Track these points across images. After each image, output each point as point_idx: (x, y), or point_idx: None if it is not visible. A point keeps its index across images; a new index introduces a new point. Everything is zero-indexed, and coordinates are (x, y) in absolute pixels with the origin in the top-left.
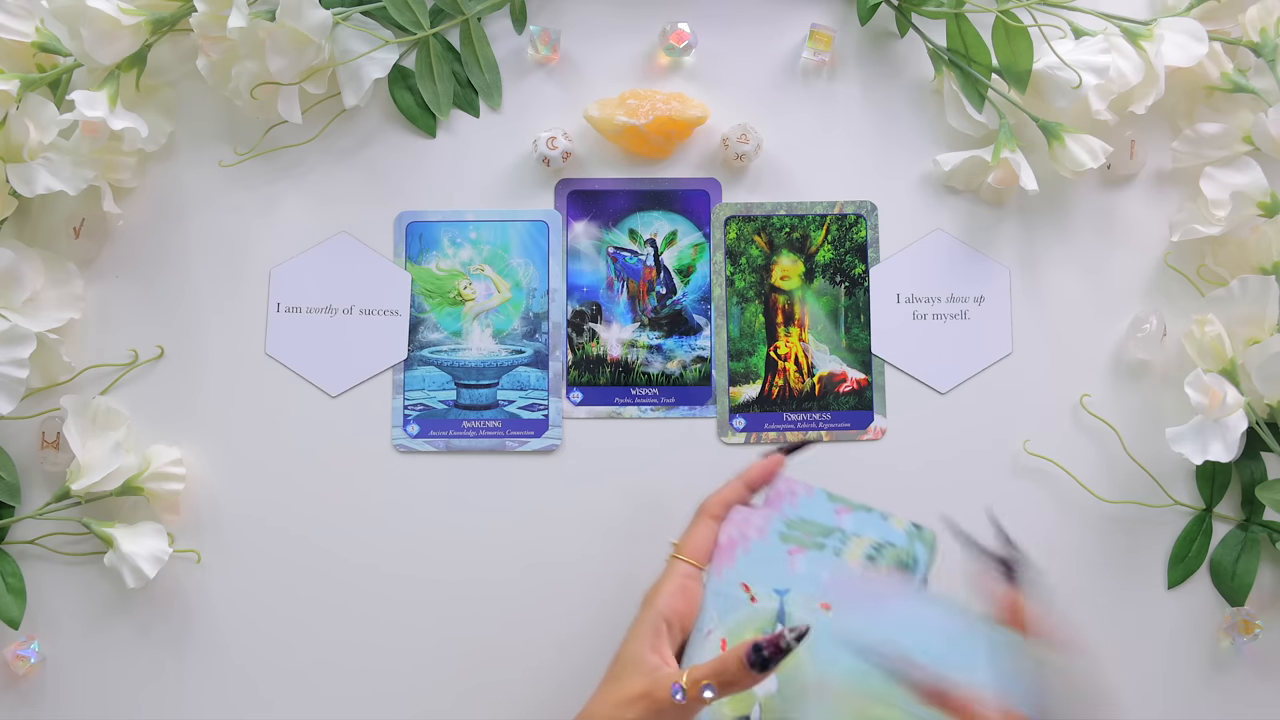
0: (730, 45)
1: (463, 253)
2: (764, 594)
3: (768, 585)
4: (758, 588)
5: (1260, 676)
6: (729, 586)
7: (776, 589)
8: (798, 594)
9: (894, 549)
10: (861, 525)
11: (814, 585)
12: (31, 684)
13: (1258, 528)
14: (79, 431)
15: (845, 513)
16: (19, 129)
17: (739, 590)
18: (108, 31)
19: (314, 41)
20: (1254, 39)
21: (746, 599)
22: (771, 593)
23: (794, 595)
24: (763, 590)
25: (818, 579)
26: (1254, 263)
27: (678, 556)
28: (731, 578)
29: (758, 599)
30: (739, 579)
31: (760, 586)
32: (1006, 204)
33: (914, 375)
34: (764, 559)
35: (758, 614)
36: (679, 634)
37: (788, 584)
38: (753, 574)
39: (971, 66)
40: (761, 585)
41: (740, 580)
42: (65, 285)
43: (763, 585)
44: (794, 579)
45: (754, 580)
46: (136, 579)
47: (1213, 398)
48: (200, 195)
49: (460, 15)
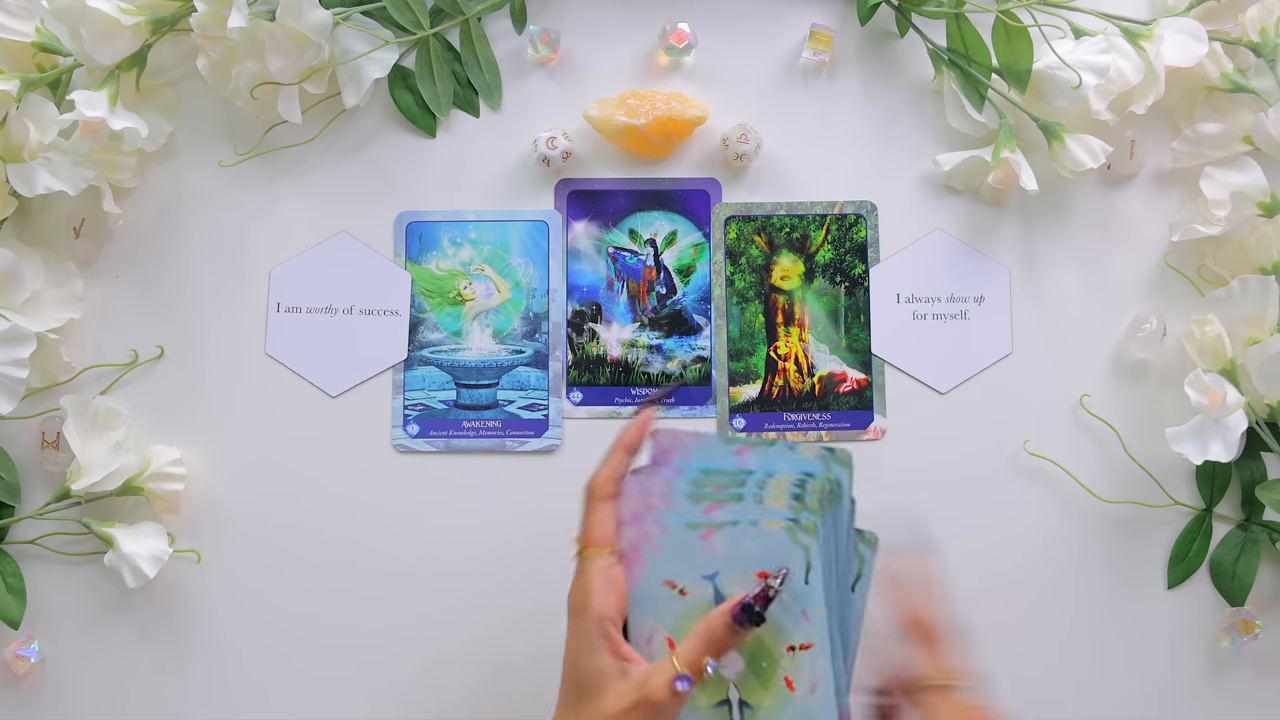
0: (730, 45)
1: (463, 253)
2: (693, 584)
3: (694, 574)
4: (684, 580)
5: (1260, 676)
6: (652, 589)
7: (704, 575)
8: (727, 573)
9: (815, 479)
10: (769, 461)
11: (741, 560)
12: (31, 684)
13: (1258, 528)
14: (79, 431)
15: (746, 451)
16: (19, 129)
17: (664, 589)
18: (108, 31)
19: (314, 41)
20: (1254, 39)
21: (676, 594)
22: (700, 580)
23: (724, 575)
24: (690, 581)
25: (743, 553)
26: (1254, 263)
27: (587, 551)
28: (652, 579)
29: (688, 592)
30: (659, 579)
31: (686, 578)
32: (1006, 204)
33: (914, 375)
34: (678, 550)
35: (694, 605)
36: (621, 627)
37: (714, 566)
38: (672, 569)
39: (971, 66)
40: (687, 576)
41: (662, 579)
42: (65, 285)
43: (688, 576)
44: (718, 560)
45: (676, 575)
46: (136, 579)
47: (1213, 398)
48: (200, 195)
49: (460, 15)
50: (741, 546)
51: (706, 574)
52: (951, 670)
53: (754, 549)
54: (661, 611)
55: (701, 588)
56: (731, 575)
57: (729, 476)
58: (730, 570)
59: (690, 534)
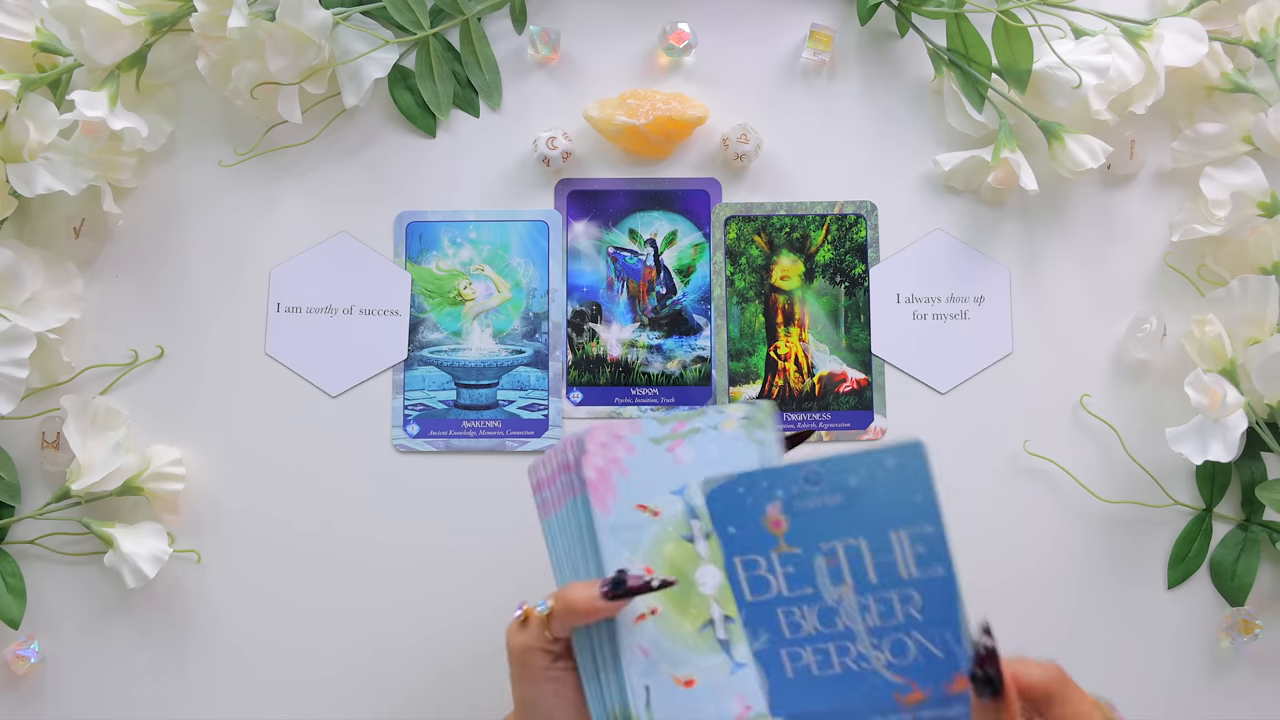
0: (730, 45)
1: (463, 253)
2: (664, 502)
3: (663, 491)
4: (654, 501)
5: (1260, 676)
6: (624, 516)
7: (672, 491)
8: (693, 482)
9: (754, 417)
10: (703, 421)
11: (706, 465)
12: (31, 684)
13: (1258, 528)
14: (79, 431)
15: (682, 426)
16: (19, 129)
17: (636, 514)
18: (108, 31)
19: (314, 41)
20: (1254, 39)
21: (648, 517)
22: (670, 497)
23: (690, 486)
24: (660, 499)
25: (707, 458)
26: (1254, 263)
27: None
28: (623, 507)
29: (660, 511)
30: (631, 504)
31: (656, 498)
32: (1006, 204)
33: (914, 375)
34: (646, 469)
35: (667, 524)
36: None
37: (681, 479)
38: (642, 490)
39: (971, 66)
40: (657, 496)
41: (634, 504)
42: (65, 285)
43: (658, 495)
44: (685, 470)
45: (646, 496)
46: (136, 579)
47: (1213, 398)
48: (200, 195)
49: (460, 15)
50: (705, 452)
51: (674, 489)
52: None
53: (715, 452)
54: (636, 539)
55: (671, 504)
56: (696, 486)
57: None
58: (695, 478)
59: (657, 449)
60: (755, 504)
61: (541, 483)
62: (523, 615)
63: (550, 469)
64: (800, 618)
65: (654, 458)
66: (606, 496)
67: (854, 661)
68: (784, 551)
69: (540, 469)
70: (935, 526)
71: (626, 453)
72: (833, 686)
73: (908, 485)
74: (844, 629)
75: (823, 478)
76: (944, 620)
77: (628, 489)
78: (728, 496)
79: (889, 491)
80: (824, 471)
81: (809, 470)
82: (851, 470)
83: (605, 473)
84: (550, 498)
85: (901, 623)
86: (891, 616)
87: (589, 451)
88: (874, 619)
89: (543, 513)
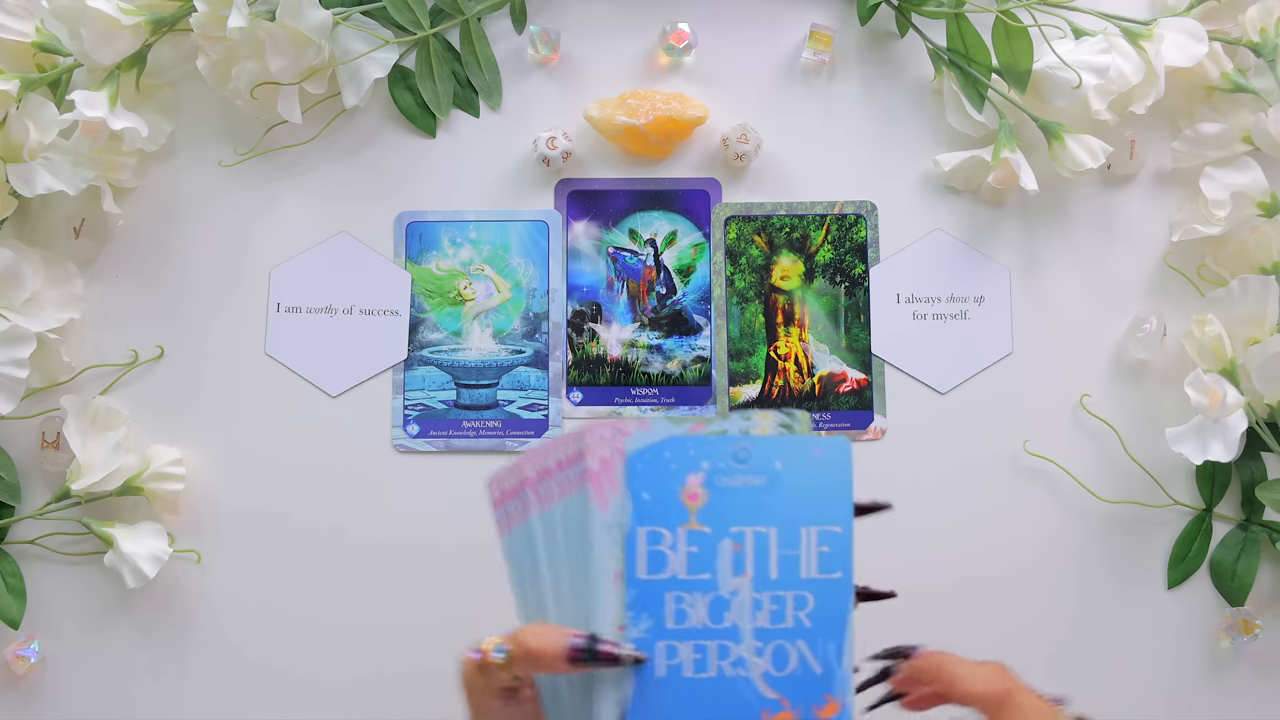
0: (730, 45)
1: (463, 253)
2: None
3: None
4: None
5: (1260, 676)
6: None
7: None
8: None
9: (798, 417)
10: (730, 425)
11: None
12: (31, 684)
13: (1258, 528)
14: (79, 431)
15: (700, 428)
16: (19, 129)
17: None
18: (108, 31)
19: (314, 41)
20: (1254, 39)
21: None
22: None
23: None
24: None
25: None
26: (1254, 263)
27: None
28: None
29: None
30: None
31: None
32: (1006, 204)
33: (914, 375)
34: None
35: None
36: None
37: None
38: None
39: (971, 66)
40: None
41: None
42: (65, 285)
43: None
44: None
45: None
46: (136, 579)
47: (1213, 398)
48: (200, 195)
49: (460, 15)
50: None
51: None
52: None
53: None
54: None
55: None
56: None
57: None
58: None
59: (675, 427)
60: (678, 472)
61: (506, 494)
62: (480, 659)
63: (517, 479)
64: (689, 606)
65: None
66: (608, 491)
67: (731, 666)
68: (693, 529)
69: (506, 479)
70: (844, 528)
71: (641, 427)
72: (701, 695)
73: (828, 481)
74: (731, 626)
75: (751, 455)
76: (830, 631)
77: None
78: (652, 460)
79: (810, 483)
80: (754, 449)
81: (739, 446)
82: (780, 453)
83: (610, 464)
84: (515, 511)
85: (789, 628)
86: (781, 619)
87: (591, 445)
88: (764, 619)
89: (503, 528)
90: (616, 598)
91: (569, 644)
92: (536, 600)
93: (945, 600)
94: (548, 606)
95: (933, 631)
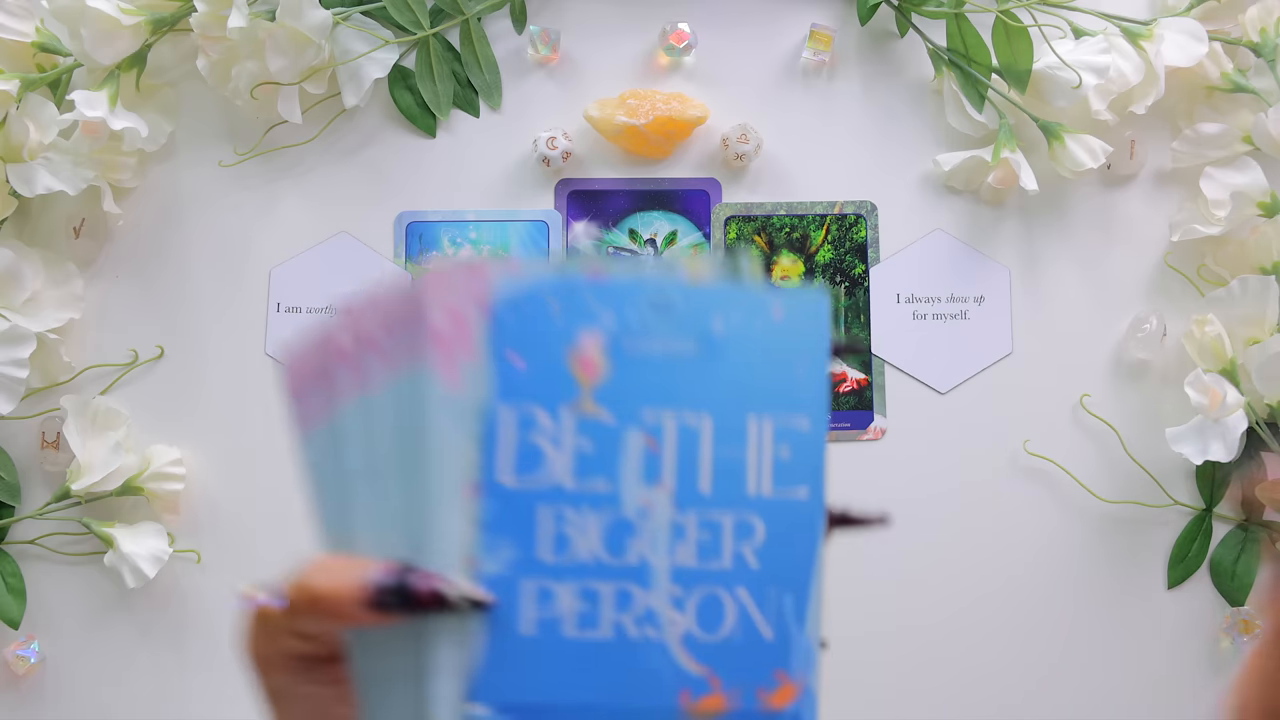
0: (730, 45)
1: (463, 253)
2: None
3: (580, 323)
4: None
5: None
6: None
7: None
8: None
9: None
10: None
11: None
12: (31, 684)
13: (1257, 528)
14: (79, 431)
15: (601, 274)
16: (19, 129)
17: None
18: (108, 31)
19: (314, 41)
20: (1254, 39)
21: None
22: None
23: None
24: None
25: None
26: (1254, 263)
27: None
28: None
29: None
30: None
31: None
32: (1006, 204)
33: (914, 375)
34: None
35: None
36: None
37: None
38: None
39: (971, 66)
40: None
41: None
42: (65, 285)
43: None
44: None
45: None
46: (136, 579)
47: (1213, 398)
48: (200, 195)
49: (460, 15)
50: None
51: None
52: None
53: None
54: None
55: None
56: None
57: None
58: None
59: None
60: (566, 329)
61: (308, 377)
62: (252, 608)
63: (325, 353)
64: (575, 530)
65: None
66: (459, 358)
67: (636, 623)
68: (586, 413)
69: (308, 357)
70: (814, 422)
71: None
72: (588, 665)
73: (793, 351)
74: (638, 563)
75: (676, 309)
76: (789, 578)
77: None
78: (529, 311)
79: (765, 355)
80: (681, 300)
81: (660, 294)
82: (720, 308)
83: (462, 318)
84: (319, 400)
85: (726, 569)
86: (714, 555)
87: (435, 292)
88: (687, 554)
89: (302, 428)
90: (465, 516)
91: (368, 580)
92: (344, 526)
93: (945, 600)
94: (360, 535)
95: (932, 632)
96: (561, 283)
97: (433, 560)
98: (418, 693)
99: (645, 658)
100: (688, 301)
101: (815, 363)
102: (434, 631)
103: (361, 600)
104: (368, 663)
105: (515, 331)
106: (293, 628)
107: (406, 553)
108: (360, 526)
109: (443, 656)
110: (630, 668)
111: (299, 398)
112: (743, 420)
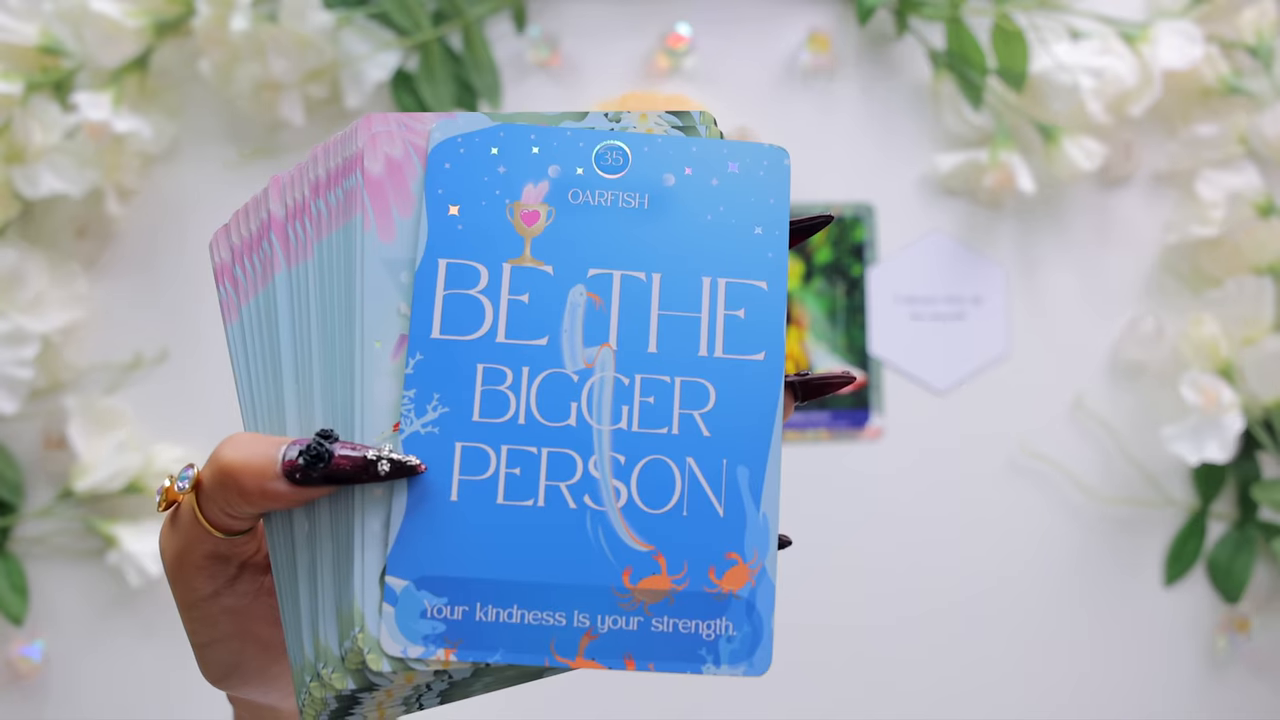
0: (730, 46)
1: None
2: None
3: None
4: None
5: (1256, 674)
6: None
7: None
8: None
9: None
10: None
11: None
12: (35, 683)
13: (1253, 527)
14: (82, 431)
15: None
16: (23, 131)
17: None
18: (111, 34)
19: (316, 44)
20: (1250, 42)
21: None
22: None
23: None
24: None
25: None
26: (1249, 264)
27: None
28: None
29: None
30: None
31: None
32: (1003, 205)
33: (911, 375)
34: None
35: None
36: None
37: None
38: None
39: (969, 69)
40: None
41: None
42: (69, 286)
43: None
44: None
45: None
46: (140, 578)
47: (1208, 398)
48: (203, 196)
49: (461, 18)
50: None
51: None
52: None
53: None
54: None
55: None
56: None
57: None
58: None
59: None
60: (509, 178)
61: (236, 253)
62: (163, 499)
63: (254, 225)
64: (511, 389)
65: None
66: (394, 208)
67: (574, 493)
68: (526, 265)
69: (236, 229)
70: (773, 284)
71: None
72: (520, 536)
73: (751, 208)
74: (577, 426)
75: (629, 159)
76: (744, 449)
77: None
78: (469, 157)
79: (722, 211)
80: (633, 149)
81: (610, 142)
82: (675, 160)
83: (399, 166)
84: (247, 278)
85: (674, 436)
86: (661, 420)
87: (371, 137)
88: (631, 419)
89: (229, 314)
90: (392, 377)
91: (282, 452)
92: (272, 403)
93: (943, 599)
94: (288, 410)
95: (931, 630)
96: (505, 133)
97: (357, 424)
98: (338, 575)
99: (583, 530)
100: (638, 154)
101: (775, 220)
102: (357, 506)
103: (277, 472)
104: (288, 556)
105: (455, 182)
106: (209, 515)
107: (329, 422)
108: (288, 410)
109: (367, 532)
110: (566, 541)
111: (223, 283)
112: (696, 279)
